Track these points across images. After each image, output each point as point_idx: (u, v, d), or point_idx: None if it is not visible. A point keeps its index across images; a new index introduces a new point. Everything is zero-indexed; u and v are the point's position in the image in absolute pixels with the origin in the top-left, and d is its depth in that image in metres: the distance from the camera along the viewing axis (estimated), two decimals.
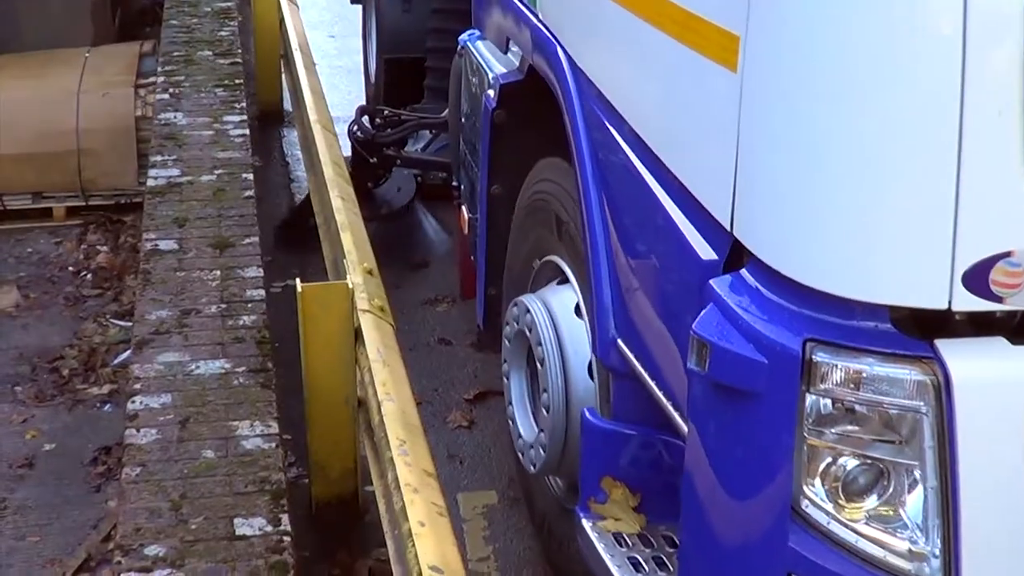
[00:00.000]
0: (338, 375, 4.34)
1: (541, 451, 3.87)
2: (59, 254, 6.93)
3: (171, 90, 7.14)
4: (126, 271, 6.60)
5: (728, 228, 2.64)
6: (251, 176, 5.91)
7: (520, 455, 4.11)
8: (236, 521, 3.61)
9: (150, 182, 5.83)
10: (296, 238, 6.71)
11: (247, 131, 6.51)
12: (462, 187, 5.04)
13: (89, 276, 6.68)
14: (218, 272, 4.98)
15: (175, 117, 6.70)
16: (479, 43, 4.77)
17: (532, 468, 3.96)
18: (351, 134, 6.70)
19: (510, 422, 4.19)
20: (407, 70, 7.27)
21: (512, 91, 4.25)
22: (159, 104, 6.93)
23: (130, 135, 7.28)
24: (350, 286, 4.28)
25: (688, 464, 2.79)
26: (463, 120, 4.93)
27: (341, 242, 4.73)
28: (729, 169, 2.60)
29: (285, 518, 3.61)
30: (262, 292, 4.84)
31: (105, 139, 7.27)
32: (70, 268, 6.80)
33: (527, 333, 3.95)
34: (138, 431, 3.99)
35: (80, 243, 7.09)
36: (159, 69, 7.53)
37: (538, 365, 3.88)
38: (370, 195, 6.85)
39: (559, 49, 3.75)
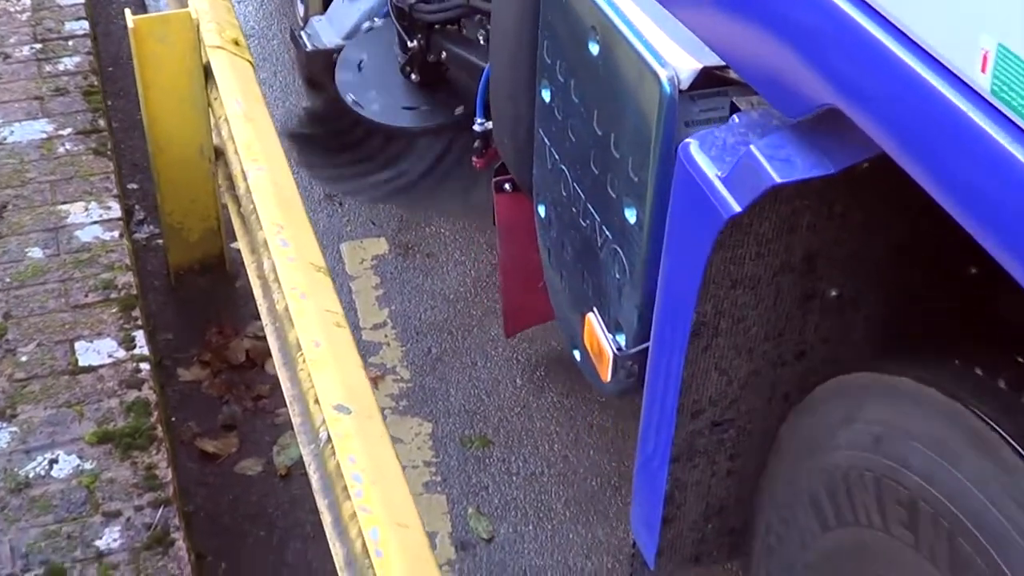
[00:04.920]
0: (188, 124, 3.66)
1: None
2: None
3: None
4: None
5: None
6: None
7: None
8: (78, 346, 2.91)
9: None
10: None
11: None
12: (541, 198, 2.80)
13: None
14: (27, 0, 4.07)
15: None
16: None
17: None
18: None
19: None
20: None
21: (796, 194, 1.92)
22: None
23: None
24: (194, 16, 3.49)
25: None
26: (554, 112, 2.60)
27: None
28: None
29: (141, 336, 2.90)
30: (85, 25, 3.97)
31: None
32: None
33: None
34: None
35: None
36: None
37: None
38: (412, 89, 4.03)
39: None
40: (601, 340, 2.47)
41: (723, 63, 2.07)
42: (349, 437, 2.39)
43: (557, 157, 2.62)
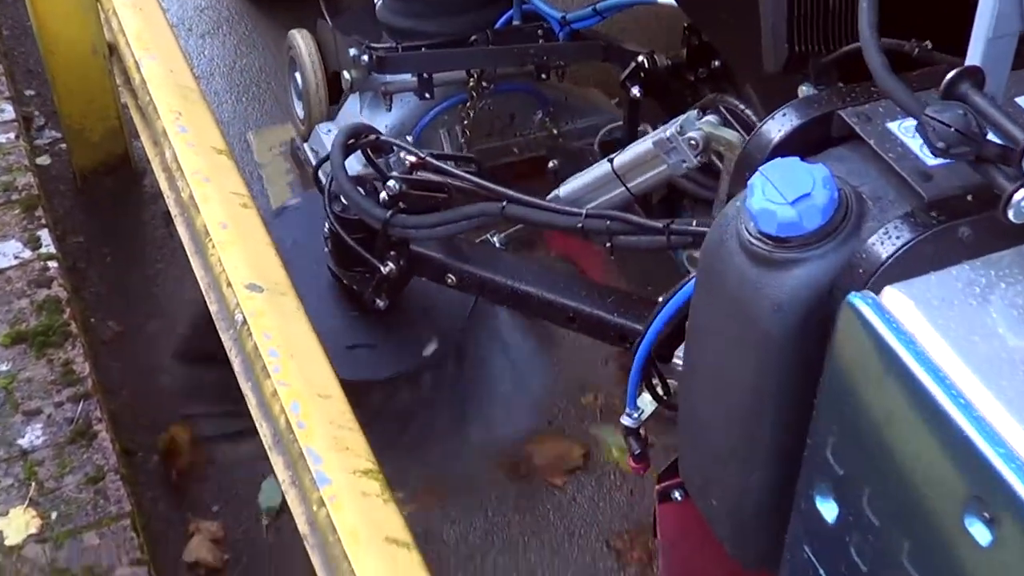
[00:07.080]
0: (77, 22, 3.57)
1: None
2: None
3: None
4: None
5: None
6: None
7: None
8: None
9: None
10: None
11: None
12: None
13: None
14: None
15: None
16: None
17: None
18: (329, 204, 2.68)
19: None
20: None
21: None
22: None
23: None
24: None
25: None
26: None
27: None
28: None
29: (46, 235, 2.86)
30: None
31: None
32: None
33: None
34: None
35: None
36: None
37: None
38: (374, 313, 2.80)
39: None
40: None
41: None
42: (262, 315, 2.34)
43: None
